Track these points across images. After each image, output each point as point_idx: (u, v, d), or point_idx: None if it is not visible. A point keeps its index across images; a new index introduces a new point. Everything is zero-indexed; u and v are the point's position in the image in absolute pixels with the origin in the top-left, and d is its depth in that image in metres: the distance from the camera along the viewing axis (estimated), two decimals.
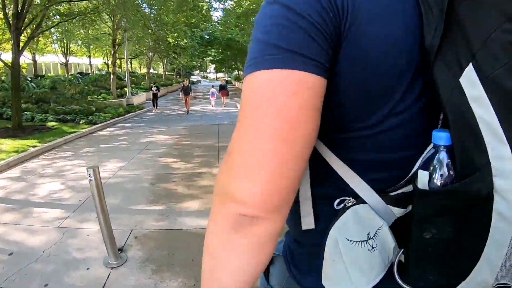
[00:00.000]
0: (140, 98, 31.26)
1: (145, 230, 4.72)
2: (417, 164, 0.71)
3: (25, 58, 41.20)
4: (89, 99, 24.66)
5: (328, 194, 0.81)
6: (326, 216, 0.80)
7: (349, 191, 0.78)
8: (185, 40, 25.67)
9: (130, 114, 21.50)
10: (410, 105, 0.71)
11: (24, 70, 42.54)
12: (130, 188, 6.55)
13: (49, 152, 10.52)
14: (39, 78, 35.59)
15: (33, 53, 41.30)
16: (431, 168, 0.66)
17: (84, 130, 14.51)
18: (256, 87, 0.65)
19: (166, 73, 66.94)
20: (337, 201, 0.78)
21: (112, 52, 27.63)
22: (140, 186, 6.68)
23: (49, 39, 40.60)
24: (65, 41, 42.58)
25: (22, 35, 15.80)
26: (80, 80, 38.64)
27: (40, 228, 4.88)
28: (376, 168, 0.77)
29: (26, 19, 14.26)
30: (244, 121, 0.68)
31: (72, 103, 20.63)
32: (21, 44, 15.08)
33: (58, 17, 20.60)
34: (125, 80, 46.17)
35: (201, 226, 4.72)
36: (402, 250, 0.76)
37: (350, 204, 0.76)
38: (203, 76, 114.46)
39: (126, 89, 32.45)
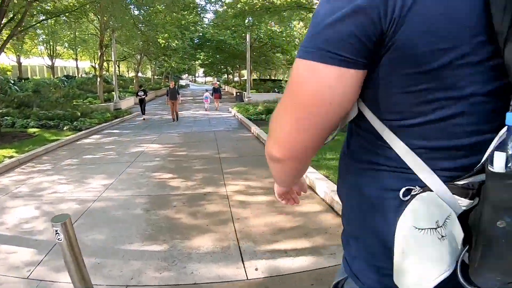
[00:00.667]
0: (128, 102, 29.85)
1: (145, 286, 3.41)
2: (491, 147, 0.66)
3: (10, 60, 39.73)
4: (74, 103, 23.21)
5: (392, 185, 0.81)
6: (392, 208, 0.80)
7: (414, 180, 0.77)
8: (176, 41, 24.36)
9: (118, 119, 20.14)
10: (479, 89, 0.69)
11: (8, 73, 41.13)
12: (120, 217, 5.20)
13: (27, 164, 9.15)
14: (22, 81, 33.92)
15: (18, 55, 39.42)
16: (508, 150, 0.61)
17: (67, 137, 13.11)
18: (300, 73, 0.75)
19: (155, 76, 65.53)
20: (403, 190, 0.78)
21: (99, 54, 26.20)
22: (133, 213, 5.34)
23: (34, 41, 38.99)
24: (51, 43, 41.19)
25: (2, 33, 14.46)
26: (65, 83, 37.18)
27: (3, 279, 3.57)
28: (444, 156, 0.76)
29: (4, 17, 12.87)
30: (284, 96, 0.81)
31: (56, 107, 19.29)
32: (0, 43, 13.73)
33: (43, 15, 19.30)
34: (113, 84, 45.24)
35: (221, 278, 3.44)
36: (466, 248, 0.72)
37: (416, 192, 0.75)
38: (192, 80, 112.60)
39: (113, 93, 31.20)
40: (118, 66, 63.16)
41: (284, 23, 36.30)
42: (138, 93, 21.78)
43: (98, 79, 27.02)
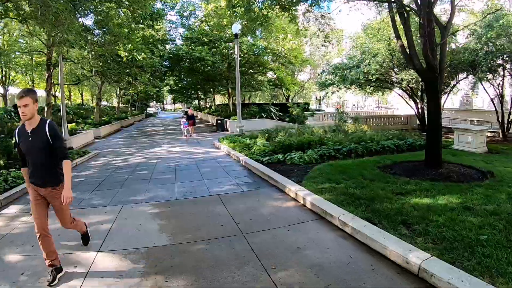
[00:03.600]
0: (86, 137, 22.67)
1: None
2: None
3: None
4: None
5: None
6: None
7: None
8: (143, 55, 17.74)
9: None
10: None
11: None
12: None
13: None
14: None
15: None
16: None
17: None
18: None
19: (120, 104, 58.23)
20: None
21: (46, 75, 19.17)
22: None
23: None
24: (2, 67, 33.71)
25: None
26: (12, 114, 29.59)
27: None
28: None
29: None
30: None
31: None
32: None
33: None
34: (70, 113, 37.95)
35: None
36: None
37: None
38: (161, 108, 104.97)
39: (64, 126, 24.19)
40: (81, 94, 56.41)
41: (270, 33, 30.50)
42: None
43: (45, 108, 19.98)
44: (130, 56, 17.58)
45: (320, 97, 54.91)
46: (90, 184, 10.00)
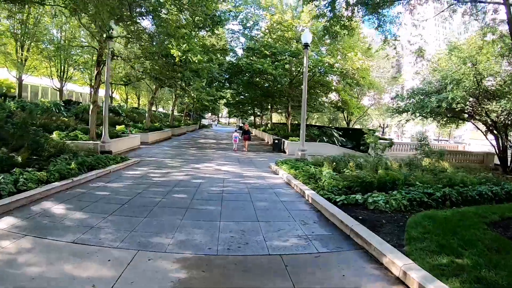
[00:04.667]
0: (131, 141, 20.78)
1: None
2: None
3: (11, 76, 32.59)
4: (46, 137, 14.22)
5: None
6: None
7: None
8: (198, 57, 15.49)
9: (92, 172, 11.02)
10: None
11: (12, 90, 33.96)
12: None
13: None
14: (6, 99, 25.67)
15: (19, 71, 31.32)
16: None
17: None
18: None
19: (175, 112, 57.45)
20: None
21: (95, 72, 17.51)
22: None
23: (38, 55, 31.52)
24: (60, 61, 33.61)
25: None
26: (61, 109, 28.76)
27: None
28: None
29: None
30: None
31: (16, 139, 10.80)
32: None
33: None
34: (122, 115, 36.93)
35: None
36: None
37: None
38: (215, 120, 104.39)
39: (104, 127, 22.95)
40: (138, 97, 56.26)
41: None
42: None
43: (91, 106, 18.33)
44: (184, 57, 15.37)
45: (384, 125, 51.05)
46: (111, 204, 7.65)
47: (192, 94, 20.12)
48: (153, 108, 66.49)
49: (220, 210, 7.63)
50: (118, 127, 24.75)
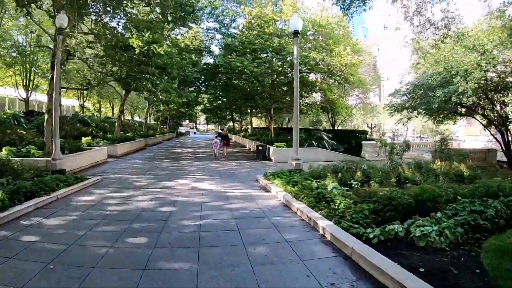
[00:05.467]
0: (92, 156, 17.63)
1: None
2: None
3: None
4: None
5: None
6: None
7: None
8: (165, 47, 12.59)
9: (29, 203, 8.09)
10: None
11: None
12: None
13: None
14: None
15: None
16: None
17: None
18: None
19: (151, 121, 54.25)
20: None
21: (50, 76, 14.54)
22: None
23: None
24: (24, 68, 30.32)
25: None
26: (21, 121, 25.53)
27: None
28: None
29: None
30: None
31: None
32: None
33: None
34: (92, 125, 33.47)
35: None
36: None
37: None
38: (192, 127, 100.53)
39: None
40: (112, 107, 52.54)
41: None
42: None
43: (46, 116, 15.45)
44: (146, 48, 12.38)
45: (372, 125, 48.91)
46: (30, 262, 4.91)
47: (161, 96, 16.80)
48: (128, 117, 63.06)
49: (197, 270, 4.78)
50: (84, 139, 21.63)
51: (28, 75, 31.73)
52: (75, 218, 7.40)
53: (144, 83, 15.83)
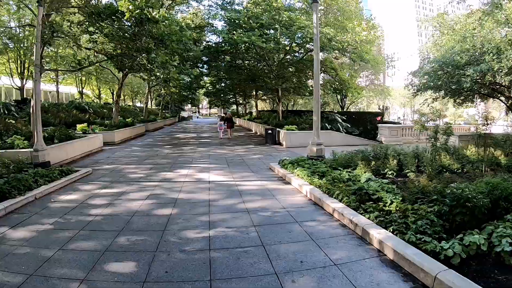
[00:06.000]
0: (84, 144, 15.79)
1: None
2: None
3: None
4: None
5: None
6: None
7: None
8: (161, 11, 10.59)
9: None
10: None
11: None
12: None
13: None
14: None
15: None
16: None
17: None
18: None
19: (152, 105, 52.33)
20: None
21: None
22: None
23: None
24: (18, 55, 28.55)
25: None
26: (11, 109, 23.96)
27: None
28: None
29: None
30: None
31: None
32: None
33: None
34: (90, 111, 31.52)
35: None
36: None
37: None
38: (195, 112, 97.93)
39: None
40: (112, 93, 50.32)
41: None
42: None
43: (32, 102, 13.61)
44: (138, 12, 10.34)
45: (384, 107, 46.69)
46: None
47: (158, 74, 14.63)
48: (129, 103, 61.04)
49: None
50: (79, 126, 19.88)
51: (22, 62, 30.03)
52: (48, 228, 5.64)
53: (138, 60, 13.69)
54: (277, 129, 20.06)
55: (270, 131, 19.81)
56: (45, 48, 12.59)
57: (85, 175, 10.49)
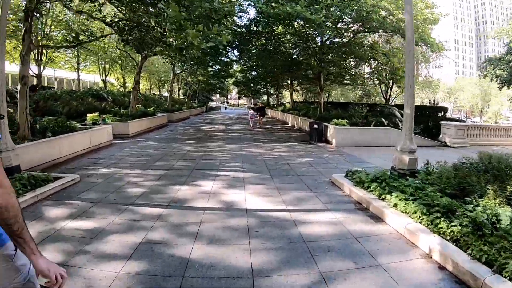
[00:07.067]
0: (88, 138, 12.42)
1: None
2: None
3: None
4: None
5: None
6: None
7: None
8: None
9: None
10: None
11: None
12: None
13: None
14: None
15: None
16: None
17: None
18: None
19: (180, 95, 49.49)
20: None
21: (23, 29, 9.49)
22: None
23: None
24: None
25: None
26: (15, 96, 21.01)
27: None
28: None
29: None
30: None
31: None
32: None
33: None
34: (108, 100, 28.32)
35: None
36: None
37: None
38: (224, 102, 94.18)
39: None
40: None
41: None
42: None
43: (19, 86, 10.69)
44: None
45: (434, 101, 41.43)
46: None
47: (171, 39, 11.23)
48: (156, 92, 58.39)
49: None
50: (89, 116, 16.69)
51: (40, 49, 27.05)
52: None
53: (147, 24, 9.87)
54: (324, 123, 16.23)
55: (316, 126, 15.94)
56: (33, 18, 9.14)
57: (65, 186, 7.11)
